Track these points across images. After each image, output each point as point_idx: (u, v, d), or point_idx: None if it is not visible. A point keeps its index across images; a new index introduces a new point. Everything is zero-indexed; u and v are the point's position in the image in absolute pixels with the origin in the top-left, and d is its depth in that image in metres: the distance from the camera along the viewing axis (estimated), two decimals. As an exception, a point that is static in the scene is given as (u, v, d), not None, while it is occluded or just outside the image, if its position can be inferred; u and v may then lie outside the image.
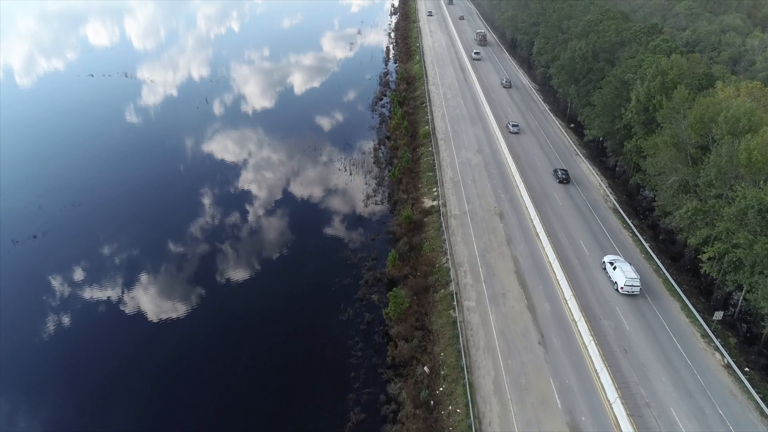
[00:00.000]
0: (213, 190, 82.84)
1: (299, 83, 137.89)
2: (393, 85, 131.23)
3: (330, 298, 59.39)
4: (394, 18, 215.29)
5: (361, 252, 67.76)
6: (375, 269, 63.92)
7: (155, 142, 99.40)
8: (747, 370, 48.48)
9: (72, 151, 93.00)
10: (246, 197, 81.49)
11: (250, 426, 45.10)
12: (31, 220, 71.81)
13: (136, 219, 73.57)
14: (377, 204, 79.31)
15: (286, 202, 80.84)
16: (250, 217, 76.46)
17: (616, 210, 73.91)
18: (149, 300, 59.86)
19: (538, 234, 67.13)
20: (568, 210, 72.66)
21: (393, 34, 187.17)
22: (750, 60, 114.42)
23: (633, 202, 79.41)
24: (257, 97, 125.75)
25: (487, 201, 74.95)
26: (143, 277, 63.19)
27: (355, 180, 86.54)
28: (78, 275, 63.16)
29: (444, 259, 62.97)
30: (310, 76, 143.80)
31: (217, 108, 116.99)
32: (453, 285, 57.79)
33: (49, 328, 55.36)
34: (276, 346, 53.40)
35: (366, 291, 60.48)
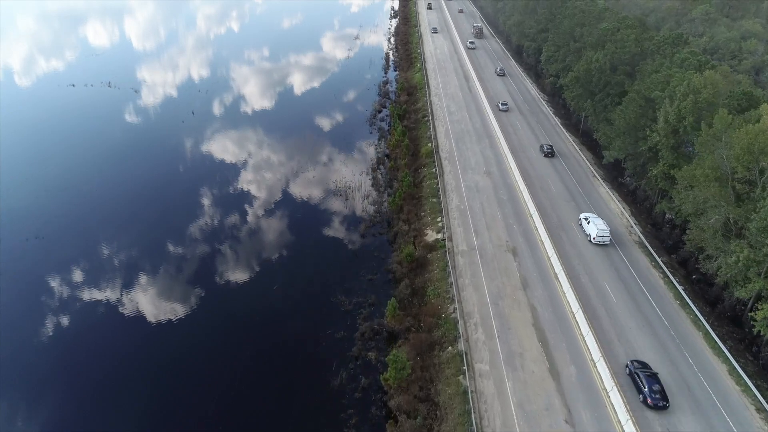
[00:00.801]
0: (187, 226, 75.01)
1: (296, 92, 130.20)
2: (393, 96, 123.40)
3: (320, 356, 51.54)
4: (394, 22, 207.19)
5: (357, 295, 59.83)
6: (372, 318, 56.10)
7: (142, 151, 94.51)
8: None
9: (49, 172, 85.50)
10: (228, 227, 73.65)
11: (249, 426, 44.88)
12: (31, 220, 72.09)
13: (136, 220, 73.46)
14: (375, 236, 71.46)
15: (274, 233, 73.05)
16: (228, 257, 68.65)
17: (642, 244, 66.05)
18: (148, 300, 59.86)
19: (557, 275, 59.27)
20: (589, 245, 64.77)
21: (393, 39, 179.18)
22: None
23: (659, 233, 71.46)
24: (249, 114, 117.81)
25: (498, 234, 67.06)
26: (142, 278, 63.16)
27: (352, 206, 78.67)
28: (77, 276, 63.22)
29: (451, 308, 55.10)
30: (306, 85, 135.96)
31: (202, 124, 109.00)
32: (462, 342, 49.95)
33: (49, 328, 55.53)
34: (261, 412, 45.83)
35: (362, 347, 52.64)
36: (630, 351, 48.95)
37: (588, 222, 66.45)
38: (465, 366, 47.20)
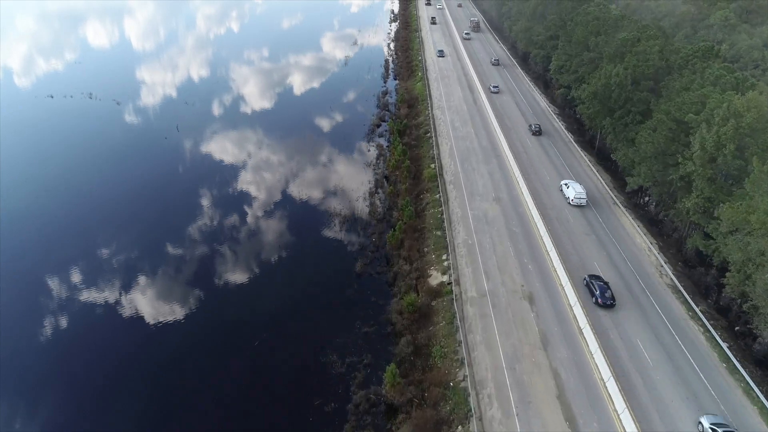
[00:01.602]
0: (171, 252, 67.30)
1: (294, 101, 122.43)
2: (392, 108, 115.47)
3: (307, 436, 43.89)
4: (393, 26, 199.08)
5: (351, 353, 51.88)
6: (368, 385, 48.11)
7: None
8: None
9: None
10: (203, 272, 65.86)
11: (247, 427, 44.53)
12: (31, 221, 72.55)
13: (135, 221, 73.36)
14: (373, 275, 63.53)
15: (261, 274, 65.09)
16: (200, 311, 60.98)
17: (675, 289, 58.17)
18: (146, 301, 59.60)
19: (581, 330, 51.38)
20: (615, 289, 56.74)
21: (393, 44, 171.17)
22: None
23: (692, 272, 63.46)
24: (237, 135, 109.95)
25: (512, 275, 59.14)
26: (141, 279, 62.93)
27: (347, 239, 70.78)
28: (77, 276, 63.05)
29: (460, 374, 47.21)
30: (303, 94, 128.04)
31: (184, 142, 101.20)
32: (474, 421, 42.07)
33: (49, 328, 55.41)
34: None
35: (356, 423, 44.73)
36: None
37: (567, 186, 74.22)
38: (479, 456, 39.40)
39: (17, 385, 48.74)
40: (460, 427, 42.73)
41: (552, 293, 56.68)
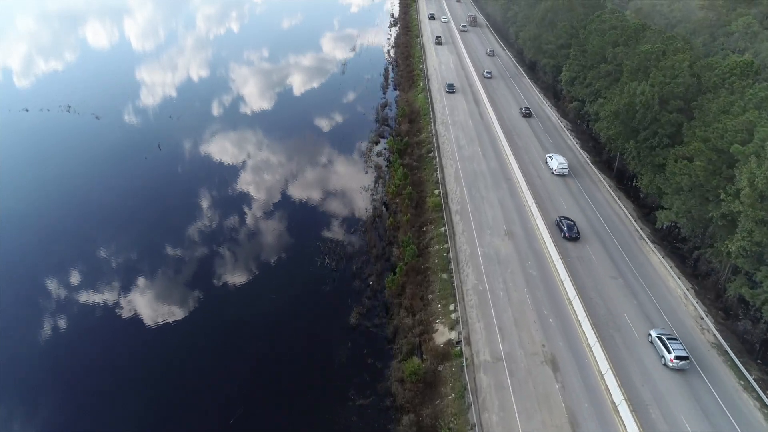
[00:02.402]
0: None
1: (290, 109, 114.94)
2: (392, 123, 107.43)
3: None
4: (393, 30, 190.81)
5: (344, 434, 44.07)
6: (364, 481, 40.30)
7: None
8: None
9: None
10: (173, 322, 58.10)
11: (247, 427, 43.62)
12: (31, 221, 72.18)
13: (135, 222, 72.68)
14: (370, 329, 55.38)
15: (246, 331, 57.07)
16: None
17: (721, 349, 50.16)
18: (146, 303, 58.89)
19: (616, 407, 43.34)
20: (654, 353, 48.68)
21: (392, 51, 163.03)
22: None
23: (736, 325, 55.37)
24: (231, 137, 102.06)
25: (530, 333, 51.11)
26: (140, 281, 62.22)
27: (342, 281, 62.62)
28: (76, 278, 62.40)
29: (475, 470, 39.23)
30: (298, 105, 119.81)
31: (170, 156, 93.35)
32: None
33: (48, 330, 54.91)
34: None
35: None
36: None
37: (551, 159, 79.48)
38: None
39: (17, 386, 48.58)
40: None
41: (578, 355, 48.68)
